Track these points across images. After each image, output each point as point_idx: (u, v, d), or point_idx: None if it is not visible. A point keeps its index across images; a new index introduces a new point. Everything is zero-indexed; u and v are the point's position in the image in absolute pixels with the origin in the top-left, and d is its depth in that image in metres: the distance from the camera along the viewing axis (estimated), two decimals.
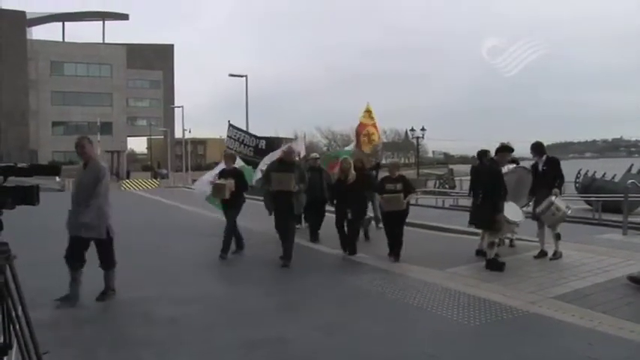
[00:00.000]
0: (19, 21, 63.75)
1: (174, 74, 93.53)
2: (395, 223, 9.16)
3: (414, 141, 56.20)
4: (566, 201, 9.71)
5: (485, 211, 8.31)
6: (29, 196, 3.00)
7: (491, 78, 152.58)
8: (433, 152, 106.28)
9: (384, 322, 5.79)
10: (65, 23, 76.37)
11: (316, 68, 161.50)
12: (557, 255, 8.76)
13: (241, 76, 39.29)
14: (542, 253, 8.95)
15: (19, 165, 3.04)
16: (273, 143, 13.40)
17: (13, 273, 2.93)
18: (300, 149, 12.36)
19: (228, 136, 13.40)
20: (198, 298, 6.84)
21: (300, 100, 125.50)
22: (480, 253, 9.11)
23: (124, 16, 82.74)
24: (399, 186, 9.06)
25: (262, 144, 13.20)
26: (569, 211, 9.00)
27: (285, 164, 8.92)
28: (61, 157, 60.52)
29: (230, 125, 13.46)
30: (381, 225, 11.04)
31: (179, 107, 61.67)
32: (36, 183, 3.04)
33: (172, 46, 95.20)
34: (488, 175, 8.40)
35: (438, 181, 46.15)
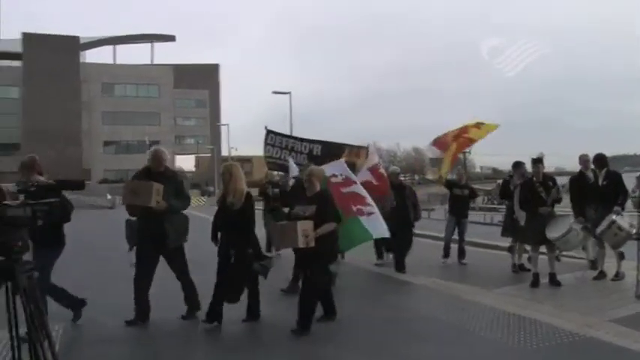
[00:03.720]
0: (72, 46, 66.61)
1: (220, 93, 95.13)
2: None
3: (461, 156, 55.15)
4: (630, 218, 9.10)
5: (536, 226, 7.94)
6: (55, 212, 3.08)
7: (540, 91, 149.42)
8: (481, 167, 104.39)
9: (434, 346, 5.49)
10: (116, 46, 78.99)
11: (352, 86, 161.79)
12: (619, 276, 8.10)
13: (285, 93, 39.50)
14: (602, 274, 8.33)
15: (44, 182, 3.02)
16: (331, 149, 11.03)
17: (33, 290, 2.93)
18: (375, 160, 9.94)
19: (267, 144, 10.93)
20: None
21: (337, 119, 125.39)
22: (521, 268, 8.83)
23: (171, 38, 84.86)
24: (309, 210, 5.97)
25: (317, 149, 10.94)
26: (635, 230, 7.90)
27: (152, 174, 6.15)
28: (112, 175, 62.36)
29: (269, 131, 10.94)
30: None
31: (224, 125, 62.62)
32: (55, 199, 3.18)
33: (217, 65, 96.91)
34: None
35: (485, 197, 45.01)
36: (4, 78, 65.00)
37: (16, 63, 65.84)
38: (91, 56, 74.91)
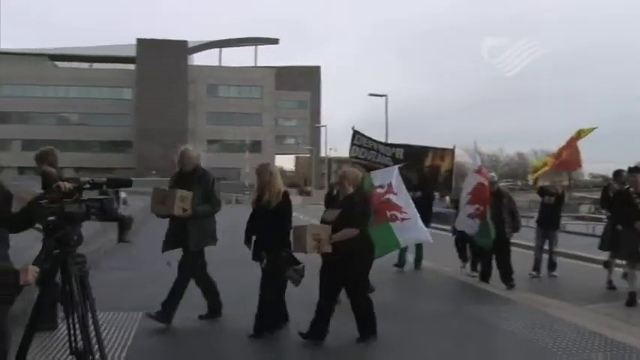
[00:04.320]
0: (181, 50, 70.38)
1: (321, 94, 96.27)
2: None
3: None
4: None
5: (632, 240, 7.16)
6: (105, 208, 3.19)
7: None
8: (590, 175, 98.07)
9: None
10: (222, 49, 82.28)
11: (456, 90, 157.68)
12: None
13: (381, 96, 39.26)
14: None
15: (98, 180, 3.26)
16: (413, 152, 10.72)
17: (85, 283, 3.08)
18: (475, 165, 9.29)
19: (354, 145, 10.57)
20: None
21: (439, 122, 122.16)
22: (610, 286, 8.11)
23: (274, 41, 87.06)
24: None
25: (400, 153, 10.46)
26: None
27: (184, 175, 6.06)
28: (214, 173, 64.69)
29: (355, 132, 10.66)
30: None
31: (323, 126, 63.30)
32: (107, 196, 3.29)
33: (319, 67, 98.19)
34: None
35: (592, 206, 42.09)
36: (119, 80, 69.75)
37: (130, 66, 70.35)
38: (198, 59, 78.69)
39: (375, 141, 11.01)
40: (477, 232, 8.44)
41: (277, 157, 78.45)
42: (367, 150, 10.75)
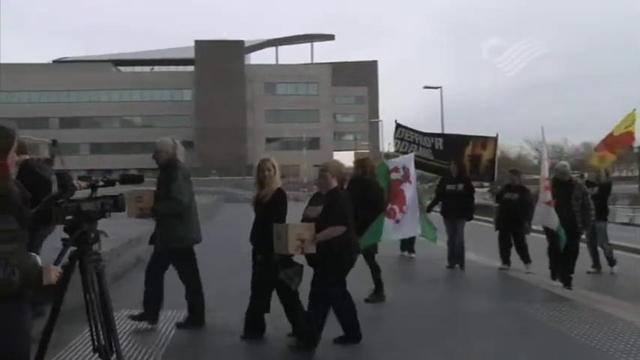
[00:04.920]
0: (238, 50, 71.23)
1: (378, 89, 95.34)
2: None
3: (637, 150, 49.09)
4: None
5: None
6: (120, 204, 3.21)
7: None
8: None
9: None
10: (278, 47, 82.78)
11: (517, 80, 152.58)
12: None
13: (435, 88, 38.28)
14: None
15: (111, 178, 3.39)
16: (454, 142, 10.50)
17: (101, 281, 3.14)
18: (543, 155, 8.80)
19: (397, 138, 10.51)
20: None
21: (499, 113, 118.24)
22: None
23: (330, 37, 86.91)
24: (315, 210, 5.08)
25: (439, 143, 10.32)
26: None
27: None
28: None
29: (398, 125, 10.53)
30: None
31: (379, 121, 62.41)
32: (120, 194, 3.28)
33: (376, 62, 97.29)
34: None
35: None
36: (179, 82, 71.34)
37: (189, 68, 71.81)
38: (255, 58, 79.50)
39: (415, 132, 10.66)
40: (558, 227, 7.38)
41: (336, 153, 78.24)
42: (409, 143, 10.46)
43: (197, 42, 70.97)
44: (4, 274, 2.44)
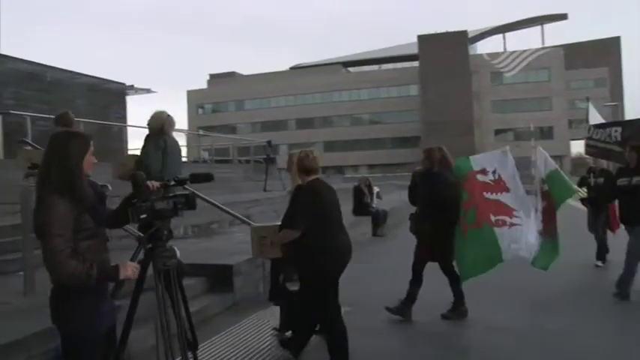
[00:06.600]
0: (462, 40, 69.98)
1: (622, 69, 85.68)
2: None
3: None
4: None
5: None
6: (191, 202, 3.25)
7: None
8: None
9: None
10: (505, 34, 79.27)
11: None
12: None
13: None
14: None
15: (182, 177, 3.37)
16: (634, 128, 8.93)
17: (170, 277, 3.19)
18: None
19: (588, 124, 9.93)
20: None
21: None
22: None
23: (562, 17, 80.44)
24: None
25: (616, 133, 8.99)
26: None
27: None
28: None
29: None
30: None
31: (614, 105, 55.87)
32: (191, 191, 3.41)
33: (618, 38, 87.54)
34: None
35: None
36: (405, 78, 72.57)
37: (415, 63, 72.65)
38: (481, 47, 77.30)
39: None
40: None
41: (572, 142, 72.33)
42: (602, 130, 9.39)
43: (420, 37, 71.34)
44: (83, 267, 2.66)
